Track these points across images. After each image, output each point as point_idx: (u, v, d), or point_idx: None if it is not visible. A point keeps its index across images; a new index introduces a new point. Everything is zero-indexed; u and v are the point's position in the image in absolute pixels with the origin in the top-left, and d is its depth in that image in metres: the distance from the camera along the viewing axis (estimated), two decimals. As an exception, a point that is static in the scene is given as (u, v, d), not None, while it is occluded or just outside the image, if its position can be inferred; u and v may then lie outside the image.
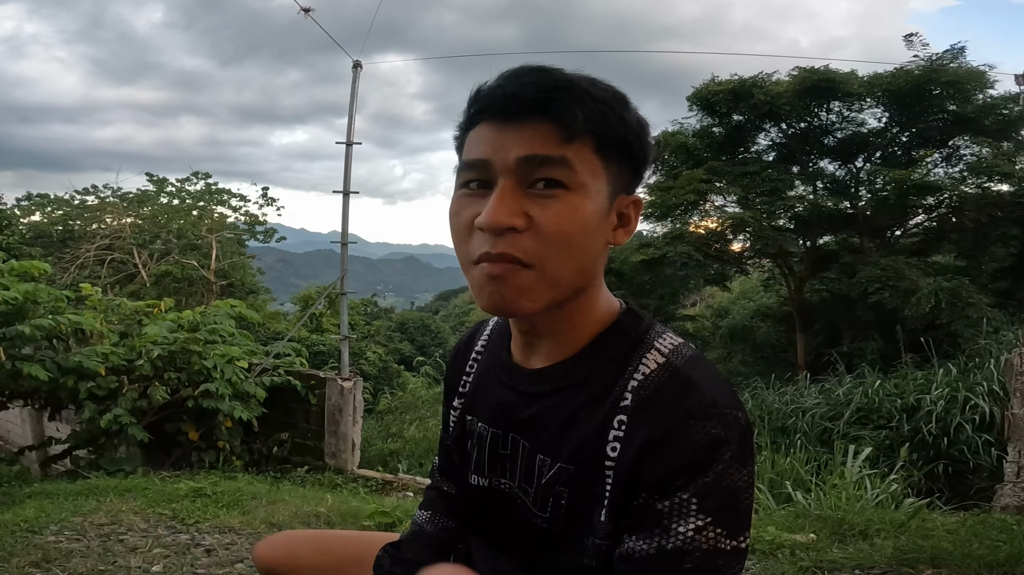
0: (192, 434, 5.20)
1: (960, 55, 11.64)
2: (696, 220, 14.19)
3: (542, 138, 0.69)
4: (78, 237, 16.30)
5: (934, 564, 2.19)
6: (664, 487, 0.67)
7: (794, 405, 7.70)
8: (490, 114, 0.71)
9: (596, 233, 0.72)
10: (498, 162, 0.70)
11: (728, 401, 0.70)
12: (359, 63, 6.11)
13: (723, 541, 0.66)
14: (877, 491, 3.91)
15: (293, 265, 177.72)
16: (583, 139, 0.69)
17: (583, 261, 0.72)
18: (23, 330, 4.40)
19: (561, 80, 0.70)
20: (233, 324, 5.77)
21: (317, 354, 11.65)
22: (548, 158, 0.68)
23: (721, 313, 18.35)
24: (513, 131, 0.70)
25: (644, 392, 0.72)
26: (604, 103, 0.71)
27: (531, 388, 0.80)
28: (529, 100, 0.69)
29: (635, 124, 0.74)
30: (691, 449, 0.67)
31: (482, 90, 0.73)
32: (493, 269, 0.70)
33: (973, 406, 6.22)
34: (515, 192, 0.69)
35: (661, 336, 0.78)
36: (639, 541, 0.68)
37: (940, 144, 12.58)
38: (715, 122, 13.91)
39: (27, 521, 2.65)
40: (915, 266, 11.56)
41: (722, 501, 0.67)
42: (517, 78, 0.71)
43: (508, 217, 0.68)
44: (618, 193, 0.74)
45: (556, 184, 0.69)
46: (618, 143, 0.72)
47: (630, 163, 0.75)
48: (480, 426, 0.85)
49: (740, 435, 0.69)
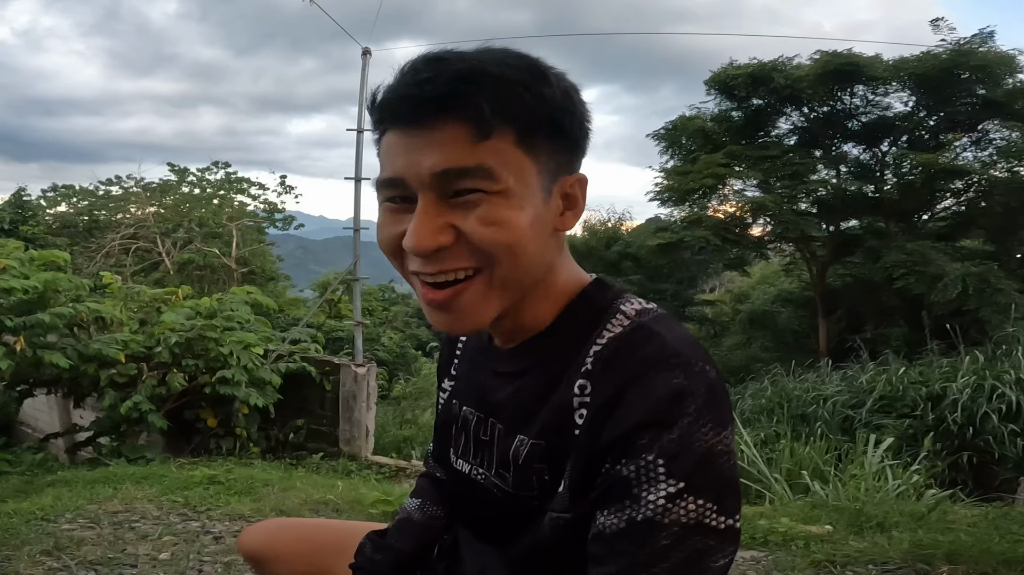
0: (210, 421, 5.26)
1: (989, 39, 11.43)
2: (715, 204, 14.04)
3: (452, 143, 0.63)
4: (103, 227, 16.59)
5: (950, 559, 2.13)
6: (626, 448, 0.61)
7: (815, 392, 7.59)
8: (392, 121, 0.66)
9: (535, 229, 0.66)
10: (412, 179, 0.64)
11: (693, 352, 0.65)
12: (368, 50, 6.08)
13: (710, 515, 0.59)
14: (898, 482, 3.84)
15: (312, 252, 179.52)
16: (500, 133, 0.63)
17: (528, 260, 0.67)
18: (44, 318, 4.47)
19: (462, 69, 0.63)
20: (249, 311, 5.82)
21: (335, 340, 11.76)
22: (464, 170, 0.63)
23: (740, 298, 18.15)
24: (421, 139, 0.64)
25: (606, 352, 0.68)
26: (517, 84, 0.63)
27: (503, 368, 0.77)
28: (428, 100, 0.62)
29: (560, 98, 0.66)
30: (651, 402, 0.61)
31: (378, 94, 0.67)
32: (435, 297, 0.67)
33: (1000, 395, 6.08)
34: (436, 207, 0.64)
35: (630, 301, 0.73)
36: (610, 515, 0.62)
37: (969, 128, 12.30)
38: (734, 106, 13.72)
39: (43, 509, 2.70)
40: (942, 251, 11.35)
41: (695, 464, 0.59)
42: (414, 74, 0.64)
43: (432, 238, 0.64)
44: (557, 177, 0.68)
45: (475, 190, 0.64)
46: (543, 125, 0.65)
47: (563, 142, 0.68)
48: (464, 410, 0.83)
49: (707, 388, 0.62)
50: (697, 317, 18.16)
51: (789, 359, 10.43)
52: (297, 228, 18.53)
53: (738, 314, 16.85)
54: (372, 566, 0.90)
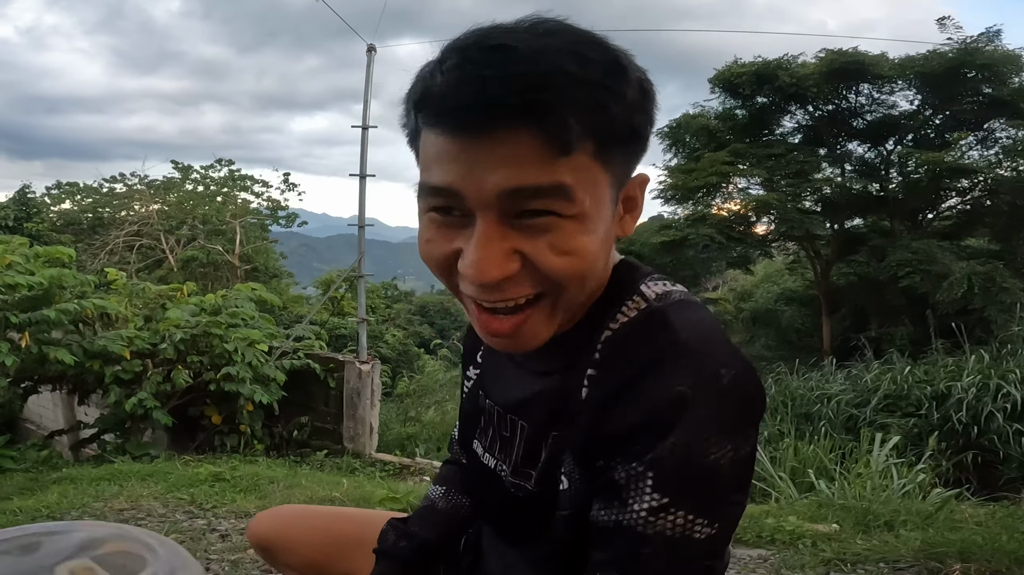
0: (215, 418, 5.27)
1: (996, 38, 11.40)
2: (719, 202, 14.01)
3: (525, 159, 0.53)
4: (107, 224, 16.64)
5: (962, 558, 2.12)
6: (620, 449, 0.57)
7: (819, 391, 7.56)
8: (444, 123, 0.55)
9: (604, 249, 0.61)
10: (472, 194, 0.55)
11: (707, 350, 0.58)
12: (373, 47, 6.08)
13: (697, 528, 0.55)
14: (904, 481, 3.82)
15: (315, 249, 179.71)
16: (580, 146, 0.54)
17: (592, 279, 0.61)
18: (49, 315, 4.47)
19: (539, 72, 0.52)
20: (254, 307, 5.83)
21: (338, 337, 11.77)
22: (538, 189, 0.54)
23: (744, 296, 18.12)
24: (483, 149, 0.53)
25: (616, 339, 0.62)
26: (601, 88, 0.54)
27: (529, 366, 0.73)
28: (498, 107, 0.52)
29: (639, 98, 0.58)
30: (650, 406, 0.55)
31: (430, 85, 0.55)
32: (499, 328, 0.60)
33: (1005, 394, 6.07)
34: (500, 229, 0.56)
35: (654, 282, 0.66)
36: (601, 511, 0.60)
37: (975, 127, 12.27)
38: (738, 104, 13.70)
39: (49, 507, 2.69)
40: (947, 250, 11.33)
41: (685, 479, 0.55)
42: (473, 68, 0.53)
43: (499, 269, 0.56)
44: (624, 182, 0.62)
45: (547, 213, 0.55)
46: (623, 132, 0.58)
47: (637, 146, 0.61)
48: (488, 403, 0.80)
49: (717, 394, 0.56)
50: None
51: (793, 358, 10.41)
52: (300, 225, 18.58)
53: (741, 312, 16.82)
54: (396, 552, 0.88)
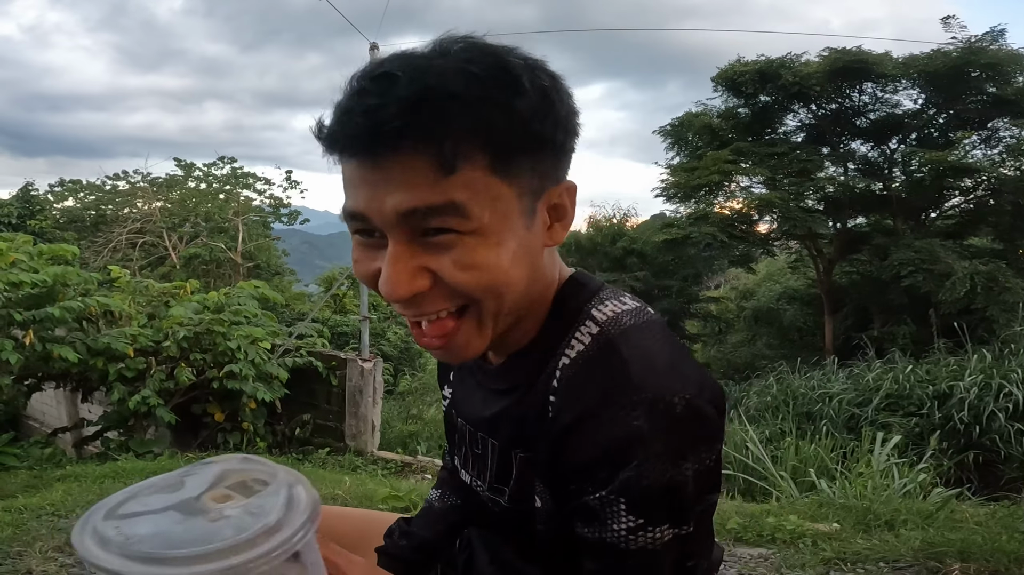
0: (218, 415, 5.29)
1: (1000, 37, 11.35)
2: (721, 201, 13.99)
3: (415, 180, 0.55)
4: (110, 221, 16.65)
5: (962, 558, 2.12)
6: (587, 476, 0.60)
7: (821, 390, 7.57)
8: (345, 152, 0.59)
9: (518, 261, 0.61)
10: (376, 217, 0.58)
11: (663, 382, 0.59)
12: (376, 45, 6.08)
13: (672, 535, 0.60)
14: (905, 480, 3.83)
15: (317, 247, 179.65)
16: (469, 163, 0.56)
17: (515, 293, 0.62)
18: (52, 312, 4.49)
19: (416, 92, 0.54)
20: (257, 305, 5.84)
21: (340, 335, 11.78)
22: (431, 208, 0.56)
23: (746, 295, 18.09)
24: (379, 173, 0.56)
25: (571, 371, 0.64)
26: (484, 102, 0.55)
27: (493, 384, 0.75)
28: (382, 132, 0.54)
29: (538, 105, 0.58)
30: (607, 441, 0.58)
31: (322, 122, 0.59)
32: (427, 341, 0.64)
33: (1007, 394, 6.07)
34: (408, 248, 0.59)
35: (603, 303, 0.67)
36: (584, 527, 0.63)
37: (978, 126, 12.23)
38: (741, 103, 13.66)
39: (53, 504, 2.70)
40: (950, 249, 11.29)
41: (652, 500, 0.58)
42: (361, 97, 0.56)
43: (407, 286, 0.59)
44: (541, 193, 0.62)
45: (447, 230, 0.57)
46: (520, 143, 0.58)
47: (545, 154, 0.60)
48: (460, 422, 0.83)
49: (672, 423, 0.58)
50: (702, 314, 18.13)
51: (795, 356, 10.41)
52: (302, 223, 18.59)
53: (743, 311, 16.81)
54: (396, 550, 0.91)
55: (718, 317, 17.93)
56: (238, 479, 0.51)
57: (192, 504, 0.47)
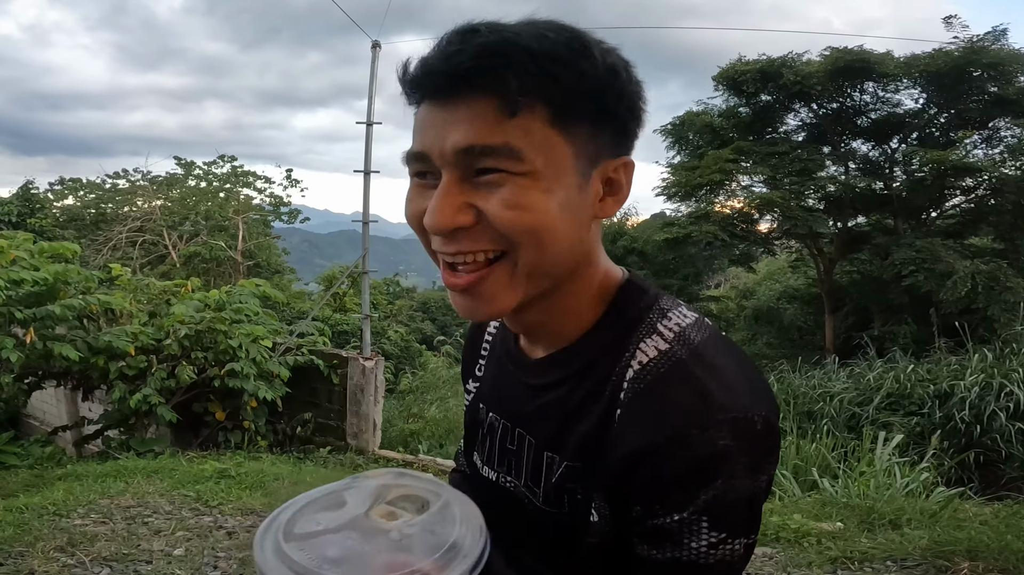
0: (219, 414, 5.28)
1: (1002, 37, 11.33)
2: (722, 200, 13.96)
3: (478, 120, 0.59)
4: (110, 220, 16.64)
5: (971, 556, 2.11)
6: (663, 498, 0.60)
7: (822, 389, 7.57)
8: (423, 94, 0.63)
9: (565, 215, 0.62)
10: (436, 155, 0.62)
11: (743, 401, 0.60)
12: (378, 43, 6.06)
13: (740, 545, 0.62)
14: (907, 479, 3.82)
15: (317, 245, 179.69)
16: (530, 111, 0.59)
17: (556, 247, 0.62)
18: (54, 310, 4.48)
19: (491, 42, 0.59)
20: (258, 303, 5.83)
21: (340, 334, 11.77)
22: (487, 148, 0.59)
23: (746, 294, 18.09)
24: (447, 113, 0.61)
25: (639, 385, 0.63)
26: (551, 58, 0.59)
27: (534, 380, 0.73)
28: (456, 74, 0.59)
29: (604, 75, 0.61)
30: (692, 464, 0.59)
31: (410, 65, 0.64)
32: (456, 281, 0.64)
33: (1008, 393, 6.07)
34: (460, 185, 0.61)
35: (666, 315, 0.68)
36: (651, 550, 0.62)
37: (980, 126, 12.20)
38: (742, 102, 13.63)
39: (55, 504, 2.69)
40: (951, 248, 11.28)
41: (735, 514, 0.60)
42: (446, 46, 0.61)
43: (451, 218, 0.61)
44: (598, 161, 0.64)
45: (499, 171, 0.60)
46: (582, 104, 0.61)
47: (607, 123, 0.63)
48: (491, 416, 0.80)
49: (754, 439, 0.60)
50: (702, 313, 18.09)
51: (795, 356, 10.40)
52: (302, 222, 18.57)
53: (744, 310, 16.80)
54: None
55: (719, 316, 17.91)
56: (398, 494, 0.51)
57: (365, 523, 0.48)
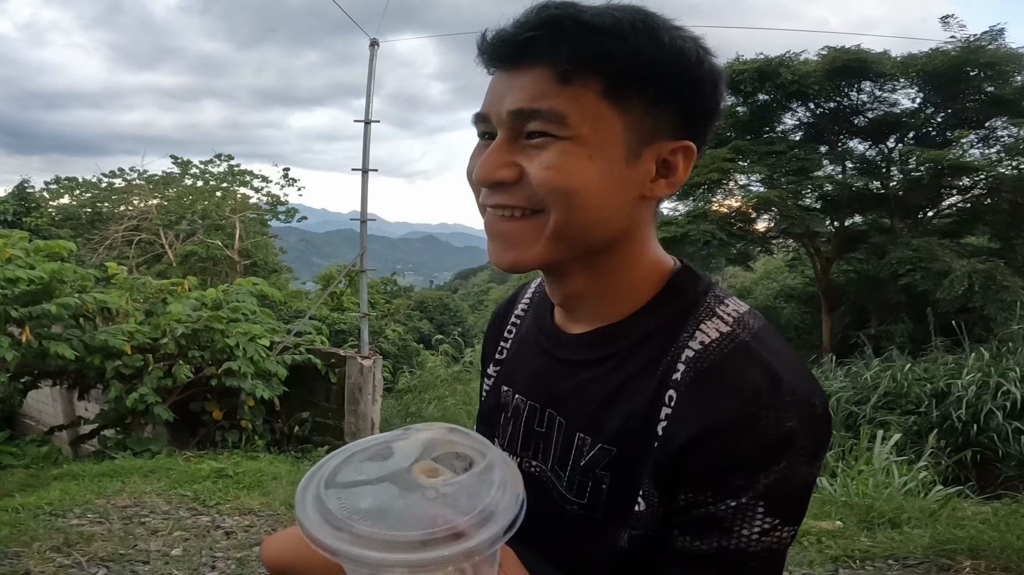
0: (216, 413, 5.25)
1: (999, 37, 11.37)
2: (719, 199, 13.99)
3: (533, 85, 0.63)
4: (106, 219, 16.58)
5: (972, 555, 2.12)
6: (719, 484, 0.59)
7: (819, 388, 7.58)
8: (489, 60, 0.67)
9: (604, 182, 0.63)
10: (493, 115, 0.66)
11: (806, 386, 0.61)
12: (376, 41, 6.04)
13: (787, 533, 0.61)
14: (905, 478, 3.83)
15: (314, 244, 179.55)
16: (583, 80, 0.61)
17: (592, 214, 0.64)
18: (49, 309, 4.45)
19: (553, 15, 0.62)
20: (255, 302, 5.80)
21: (338, 332, 11.75)
22: (534, 111, 0.62)
23: (744, 293, 18.09)
24: (510, 79, 0.65)
25: (702, 365, 0.62)
26: (608, 33, 0.61)
27: (573, 356, 0.72)
28: (514, 42, 0.63)
29: (669, 54, 0.62)
30: (758, 445, 0.58)
31: (487, 34, 0.68)
32: (490, 225, 0.68)
33: (1005, 392, 6.07)
34: (509, 145, 0.65)
35: (723, 301, 0.68)
36: (696, 541, 0.61)
37: (976, 125, 12.25)
38: (739, 101, 13.65)
39: (51, 504, 2.67)
40: (948, 247, 11.32)
41: (791, 501, 0.60)
42: (518, 18, 0.65)
43: (495, 171, 0.65)
44: (652, 139, 0.64)
45: (547, 135, 0.63)
46: (638, 79, 0.62)
47: (666, 102, 0.63)
48: (517, 398, 0.79)
49: (815, 425, 0.60)
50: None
51: (793, 355, 10.39)
52: (300, 221, 18.54)
53: (741, 309, 16.85)
54: None
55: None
56: (445, 451, 0.51)
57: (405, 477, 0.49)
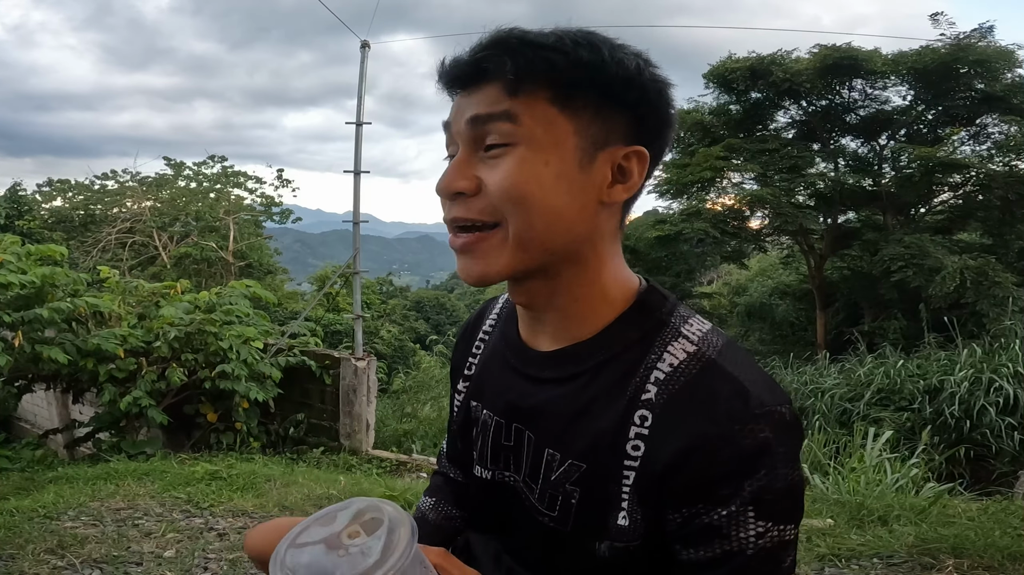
0: (210, 416, 5.26)
1: (989, 34, 11.43)
2: (713, 197, 14.02)
3: (488, 97, 0.67)
4: (99, 221, 16.50)
5: (955, 554, 2.13)
6: (707, 496, 0.62)
7: (813, 385, 7.61)
8: (448, 84, 0.71)
9: (561, 186, 0.66)
10: (455, 131, 0.70)
11: (773, 396, 0.64)
12: (367, 43, 6.03)
13: (789, 533, 0.64)
14: (897, 475, 3.85)
15: (310, 245, 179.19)
16: (532, 90, 0.65)
17: (550, 218, 0.66)
18: (41, 313, 4.45)
19: (499, 36, 0.67)
20: (248, 304, 5.80)
21: (333, 334, 11.74)
22: (490, 115, 0.66)
23: (738, 291, 18.17)
24: (468, 97, 0.69)
25: (673, 386, 0.65)
26: (551, 48, 0.65)
27: (539, 373, 0.73)
28: (467, 64, 0.68)
29: (610, 64, 0.65)
30: (738, 457, 0.61)
31: (444, 63, 0.72)
32: (454, 241, 0.70)
33: (997, 388, 6.10)
34: (469, 157, 0.68)
35: (687, 320, 0.71)
36: (699, 550, 0.64)
37: (967, 122, 12.30)
38: (732, 99, 13.69)
39: (45, 506, 2.68)
40: (940, 244, 11.37)
41: (779, 503, 0.63)
42: (473, 43, 0.69)
43: (455, 182, 0.68)
44: (607, 143, 0.67)
45: (503, 144, 0.66)
46: (583, 87, 0.65)
47: (613, 110, 0.67)
48: (485, 413, 0.80)
49: (787, 430, 0.63)
50: (695, 310, 18.14)
51: (787, 351, 10.45)
52: (294, 222, 18.48)
53: (736, 307, 16.87)
54: None
55: (711, 313, 17.97)
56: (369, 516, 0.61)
57: (335, 539, 0.59)
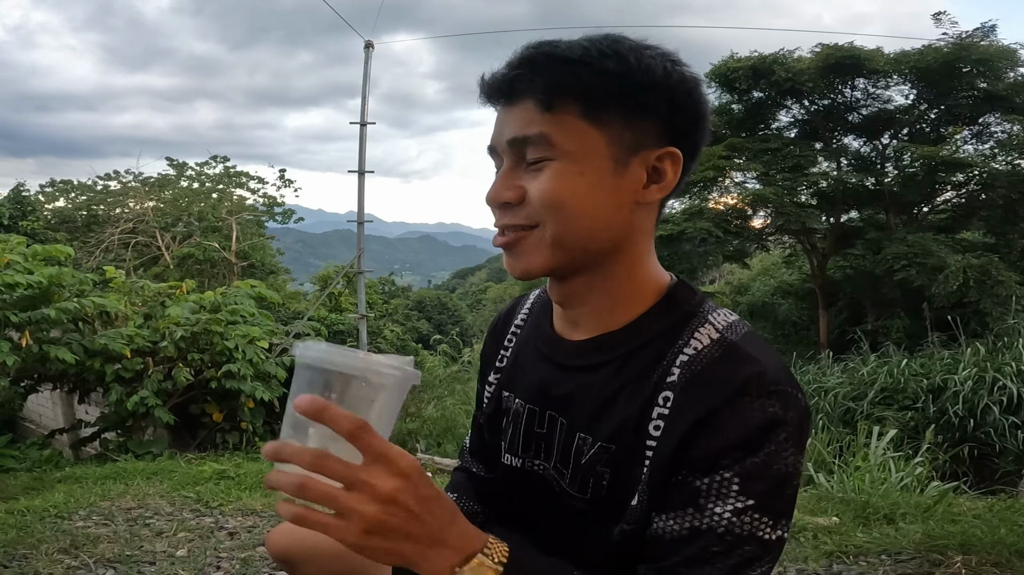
0: (216, 415, 5.27)
1: (991, 33, 11.43)
2: (715, 196, 14.02)
3: (523, 116, 0.71)
4: (102, 221, 16.55)
5: (963, 551, 2.14)
6: (708, 465, 0.63)
7: (816, 384, 7.61)
8: (487, 99, 0.76)
9: (596, 192, 0.70)
10: (498, 147, 0.74)
11: (788, 379, 0.67)
12: (371, 43, 6.03)
13: (764, 529, 0.63)
14: (902, 474, 3.86)
15: (312, 245, 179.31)
16: (562, 106, 0.69)
17: (586, 222, 0.70)
18: (48, 313, 4.46)
19: (529, 53, 0.71)
20: (253, 304, 5.82)
21: (336, 333, 11.75)
22: (527, 138, 0.70)
23: (741, 290, 18.14)
24: (506, 114, 0.74)
25: (695, 367, 0.68)
26: (578, 62, 0.69)
27: (572, 361, 0.77)
28: (502, 82, 0.72)
29: (636, 72, 0.69)
30: (744, 427, 0.63)
31: (484, 77, 0.76)
32: (500, 240, 0.75)
33: (1001, 387, 6.11)
34: (514, 170, 0.73)
35: (715, 311, 0.74)
36: (669, 520, 0.64)
37: (969, 121, 12.29)
38: (734, 99, 13.68)
39: (56, 506, 2.70)
40: (943, 243, 11.36)
41: (768, 486, 0.63)
42: (509, 58, 0.73)
43: (501, 193, 0.72)
44: (637, 150, 0.70)
45: (541, 160, 0.70)
46: (611, 98, 0.69)
47: (641, 115, 0.70)
48: (517, 402, 0.83)
49: (799, 417, 0.65)
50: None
51: (790, 351, 10.45)
52: (296, 222, 18.52)
53: (738, 306, 16.84)
54: None
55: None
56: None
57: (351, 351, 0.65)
